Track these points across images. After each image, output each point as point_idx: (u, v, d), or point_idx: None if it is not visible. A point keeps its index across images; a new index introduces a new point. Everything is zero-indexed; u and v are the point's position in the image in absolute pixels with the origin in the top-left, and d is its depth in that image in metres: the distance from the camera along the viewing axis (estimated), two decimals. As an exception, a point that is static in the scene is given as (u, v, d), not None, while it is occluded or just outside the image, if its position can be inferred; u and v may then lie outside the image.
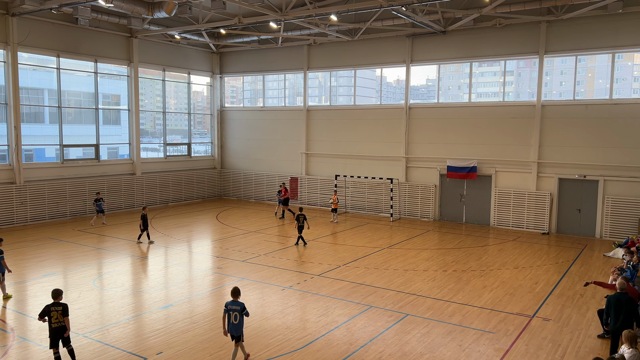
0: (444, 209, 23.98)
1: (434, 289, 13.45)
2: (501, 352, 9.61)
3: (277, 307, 11.91)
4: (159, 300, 12.45)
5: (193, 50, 29.42)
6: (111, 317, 11.20)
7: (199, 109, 31.51)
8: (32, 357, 9.19)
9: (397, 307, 11.95)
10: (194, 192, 29.54)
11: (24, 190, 21.63)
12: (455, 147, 23.36)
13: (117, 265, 15.56)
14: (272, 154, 29.25)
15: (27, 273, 14.60)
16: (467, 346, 9.88)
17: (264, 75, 29.62)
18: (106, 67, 25.32)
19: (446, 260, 16.58)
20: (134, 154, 26.37)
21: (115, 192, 25.18)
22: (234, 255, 16.88)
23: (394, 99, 26.56)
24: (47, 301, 12.03)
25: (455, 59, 23.41)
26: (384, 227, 22.38)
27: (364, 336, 10.25)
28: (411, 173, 24.75)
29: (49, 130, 23.44)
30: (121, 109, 26.45)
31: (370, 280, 14.07)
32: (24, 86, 21.90)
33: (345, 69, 26.66)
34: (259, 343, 9.87)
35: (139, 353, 9.39)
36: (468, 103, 23.18)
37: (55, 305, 8.89)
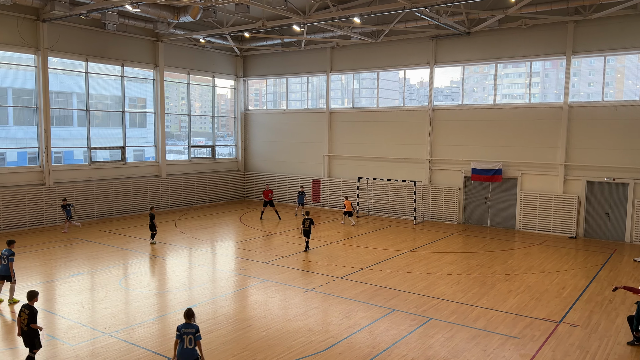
0: (468, 212, 23.70)
1: (458, 292, 13.29)
2: (527, 358, 9.44)
3: (300, 309, 11.93)
4: (183, 300, 12.59)
5: (217, 53, 29.75)
6: (136, 317, 11.37)
7: (222, 111, 31.84)
8: (60, 355, 9.39)
9: (421, 311, 11.85)
10: (217, 194, 29.83)
11: (53, 192, 22.15)
12: (480, 149, 23.07)
13: (142, 266, 15.81)
14: (295, 156, 29.35)
15: (56, 273, 14.94)
16: (492, 351, 9.73)
17: (287, 78, 29.76)
18: (133, 71, 25.80)
19: (470, 263, 16.37)
20: (159, 156, 26.78)
21: (141, 193, 25.61)
22: (257, 256, 16.97)
23: (417, 100, 26.40)
24: (75, 300, 12.33)
25: (480, 60, 23.14)
26: (407, 230, 22.23)
27: (387, 339, 10.18)
28: (435, 175, 24.53)
29: (77, 133, 23.97)
30: (147, 112, 26.91)
31: (393, 284, 13.98)
32: (54, 90, 22.45)
33: (368, 71, 26.61)
34: (282, 345, 9.89)
35: (163, 353, 9.51)
36: (493, 105, 22.87)
37: (25, 307, 8.77)
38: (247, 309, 12.01)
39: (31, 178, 21.71)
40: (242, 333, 10.48)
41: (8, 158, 21.90)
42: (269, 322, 11.11)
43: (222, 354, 9.51)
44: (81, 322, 11.02)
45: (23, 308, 8.77)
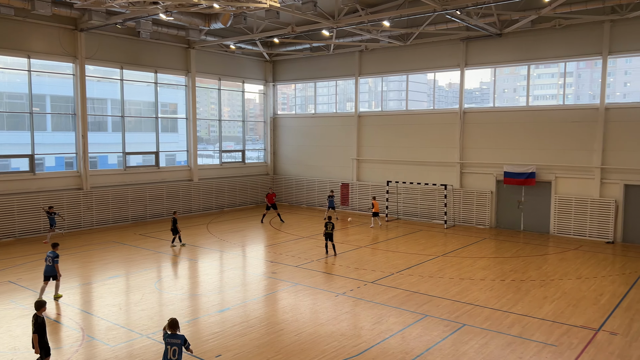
0: (500, 216, 23.33)
1: (492, 298, 13.10)
2: (565, 367, 9.25)
3: (331, 313, 11.96)
4: (216, 303, 12.78)
5: (247, 59, 30.12)
6: (172, 319, 11.58)
7: (251, 116, 32.20)
8: (99, 356, 9.65)
9: (454, 317, 11.73)
10: (248, 197, 30.16)
11: (90, 196, 22.78)
12: (513, 152, 22.70)
13: (175, 269, 16.11)
14: (323, 160, 29.44)
15: (94, 275, 15.37)
16: (528, 359, 9.56)
17: (315, 82, 29.90)
18: (165, 77, 26.35)
19: (504, 269, 16.11)
20: (191, 160, 27.25)
21: (174, 197, 26.10)
22: (287, 260, 17.09)
23: (447, 103, 26.15)
24: (112, 302, 12.65)
25: (512, 62, 22.79)
26: (437, 234, 22.02)
27: (420, 345, 10.12)
28: (466, 179, 24.24)
29: (111, 139, 24.61)
30: (179, 118, 27.43)
31: (425, 289, 13.88)
32: (90, 97, 23.11)
33: (397, 74, 26.51)
34: (315, 349, 9.94)
35: (198, 355, 9.67)
36: (525, 107, 22.49)
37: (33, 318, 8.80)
38: (278, 313, 12.11)
39: (69, 182, 22.38)
40: (274, 337, 10.58)
41: (46, 163, 22.64)
42: (300, 326, 11.18)
43: (256, 357, 9.61)
44: (119, 323, 11.30)
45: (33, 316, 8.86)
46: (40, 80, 21.78)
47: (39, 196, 21.11)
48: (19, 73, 20.99)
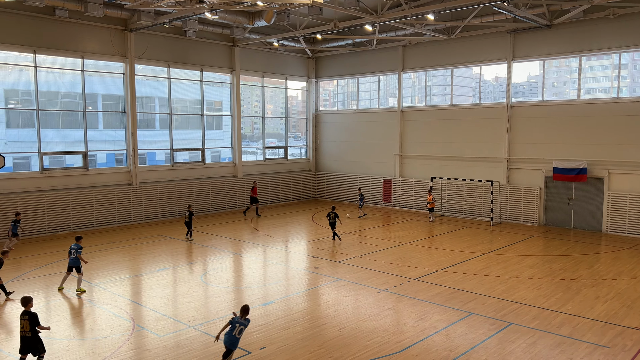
0: (549, 214, 22.59)
1: (540, 297, 12.73)
2: (618, 369, 8.89)
3: (373, 309, 11.93)
4: (260, 297, 12.98)
5: (290, 56, 30.33)
6: (217, 312, 11.87)
7: (293, 113, 32.43)
8: (148, 344, 9.99)
9: (500, 315, 11.47)
10: (290, 193, 30.43)
11: (140, 191, 23.56)
12: (563, 147, 21.92)
13: (221, 262, 16.46)
14: (365, 156, 29.32)
15: (143, 267, 15.91)
16: (579, 360, 9.25)
17: (358, 77, 29.79)
18: (211, 76, 26.90)
19: (553, 267, 15.61)
20: (236, 157, 27.74)
21: (219, 193, 26.65)
22: (329, 255, 17.15)
23: (492, 97, 25.52)
24: (161, 294, 13.06)
25: (562, 54, 21.98)
26: (483, 231, 21.56)
27: (465, 343, 9.96)
28: (513, 175, 23.60)
29: (159, 136, 25.36)
30: (223, 115, 27.95)
31: (470, 287, 13.63)
32: (139, 95, 23.87)
33: (441, 68, 26.06)
34: (357, 344, 9.95)
35: (243, 347, 9.85)
36: (576, 100, 21.65)
37: (23, 314, 8.82)
38: (321, 307, 12.18)
39: (119, 178, 23.22)
40: (317, 331, 10.65)
41: (98, 159, 23.56)
42: (343, 321, 11.21)
43: (299, 350, 9.71)
44: (167, 314, 11.66)
45: (22, 315, 8.81)
46: (93, 80, 22.66)
47: (92, 191, 22.00)
48: (73, 73, 21.91)
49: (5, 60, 20.31)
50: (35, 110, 20.78)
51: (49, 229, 20.83)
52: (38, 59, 20.65)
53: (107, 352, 9.62)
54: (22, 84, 20.99)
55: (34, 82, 20.62)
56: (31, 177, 20.73)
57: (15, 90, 21.18)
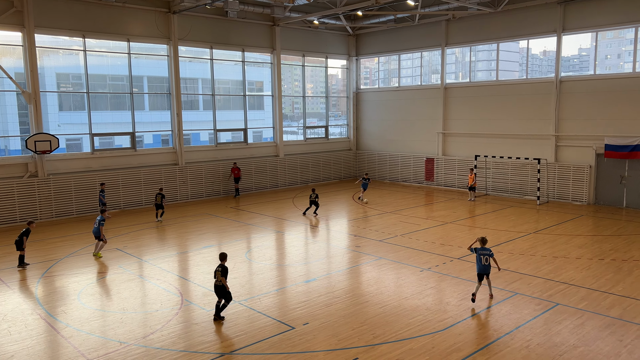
0: (600, 192, 21.78)
1: (589, 278, 12.38)
2: (672, 353, 8.60)
3: (416, 288, 11.93)
4: (303, 274, 13.19)
5: (330, 34, 30.09)
6: (262, 288, 12.16)
7: (334, 91, 32.28)
8: (196, 318, 10.38)
9: (546, 296, 11.25)
10: (331, 172, 30.51)
11: (185, 171, 24.18)
12: (615, 122, 20.97)
13: (264, 240, 16.78)
14: (407, 134, 28.96)
15: (190, 245, 16.42)
16: (630, 342, 8.99)
17: (399, 54, 29.27)
18: (252, 56, 27.06)
19: (603, 248, 15.11)
20: (277, 137, 27.97)
21: (261, 172, 27.03)
22: (371, 234, 17.18)
23: (540, 72, 24.58)
24: (207, 270, 13.48)
25: (617, 24, 20.86)
26: (529, 210, 21.04)
27: (509, 323, 9.85)
28: (562, 152, 22.81)
29: (203, 117, 25.84)
30: (265, 95, 28.14)
31: (515, 266, 13.40)
32: (182, 77, 24.32)
33: (486, 42, 25.25)
34: (400, 322, 10.01)
35: (287, 322, 10.10)
36: (632, 73, 20.58)
37: (218, 267, 10.29)
38: (362, 285, 12.27)
39: (166, 158, 23.88)
40: (359, 308, 10.76)
41: (145, 140, 24.28)
42: (385, 299, 11.27)
43: (342, 327, 9.86)
44: (213, 290, 12.02)
45: (217, 268, 10.28)
46: (138, 63, 23.23)
47: (140, 171, 22.75)
48: (120, 56, 22.51)
49: (56, 44, 21.07)
50: (86, 93, 21.54)
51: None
52: (87, 42, 21.31)
53: (158, 325, 10.06)
54: (72, 68, 21.76)
55: (84, 66, 21.33)
56: (83, 157, 21.60)
57: (66, 74, 22.00)
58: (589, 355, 8.53)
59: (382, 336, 9.38)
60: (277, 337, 9.42)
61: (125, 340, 9.40)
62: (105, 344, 9.23)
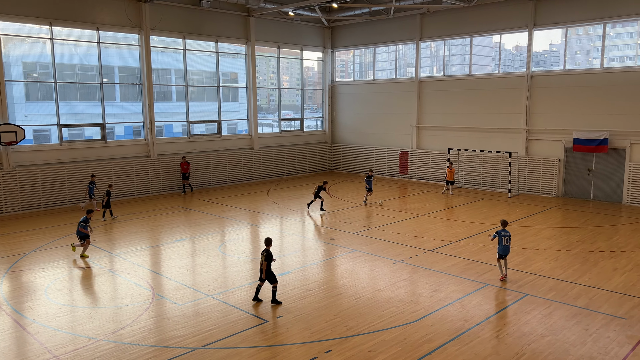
0: (568, 185, 22.29)
1: (557, 269, 12.67)
2: (634, 340, 8.86)
3: (389, 280, 12.02)
4: (277, 267, 13.09)
5: (305, 26, 29.91)
6: (235, 281, 12.08)
7: (309, 84, 32.17)
8: (168, 313, 10.24)
9: (516, 287, 11.47)
10: (306, 165, 30.46)
11: (157, 163, 23.79)
12: (584, 117, 21.46)
13: (238, 233, 16.66)
14: (382, 127, 29.08)
15: (162, 238, 16.18)
16: (595, 331, 9.23)
17: (375, 47, 29.31)
18: (226, 47, 26.71)
19: (570, 239, 15.49)
20: (252, 129, 27.75)
21: (235, 165, 26.80)
22: (345, 227, 17.22)
23: (513, 66, 24.95)
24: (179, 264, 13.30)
25: (586, 21, 21.29)
26: (500, 203, 21.40)
27: (480, 314, 10.01)
28: (532, 146, 23.24)
29: (176, 108, 25.43)
30: (239, 87, 27.85)
31: (486, 258, 13.61)
32: (155, 67, 23.85)
33: (460, 37, 25.48)
34: (373, 313, 10.06)
35: (260, 315, 10.05)
36: (599, 69, 21.06)
37: (263, 251, 10.67)
38: (337, 278, 12.30)
39: (137, 150, 23.44)
40: (333, 300, 10.78)
41: (116, 132, 23.78)
42: (359, 291, 11.32)
43: (316, 319, 9.86)
44: (186, 284, 11.90)
45: (262, 252, 10.65)
46: (109, 52, 22.68)
47: (110, 163, 22.28)
48: (89, 45, 21.93)
49: (22, 32, 20.40)
50: (53, 83, 20.95)
51: (69, 200, 21.24)
52: (54, 31, 20.69)
53: (128, 319, 9.89)
54: (39, 57, 21.12)
55: (51, 55, 20.72)
56: (51, 149, 21.04)
57: (33, 63, 21.34)
58: (556, 344, 8.74)
59: (355, 328, 9.42)
60: (250, 331, 9.37)
61: (94, 335, 9.21)
62: (74, 340, 9.04)
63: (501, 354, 8.41)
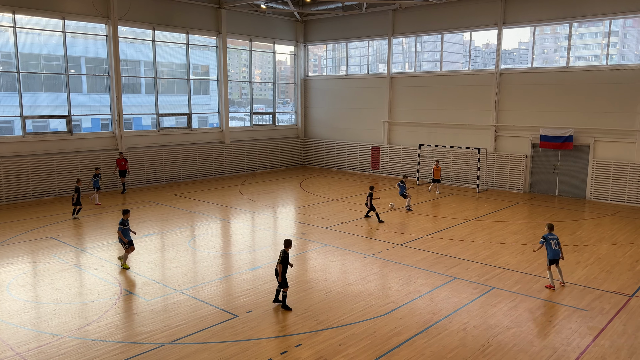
0: (535, 181, 22.83)
1: (523, 262, 12.98)
2: (595, 331, 9.16)
3: (359, 274, 12.09)
4: (248, 262, 13.08)
5: (278, 19, 29.72)
6: (205, 276, 11.95)
7: (282, 78, 32.00)
8: (136, 309, 10.07)
9: (483, 280, 11.70)
10: (278, 160, 30.34)
11: (126, 156, 23.28)
12: (550, 114, 21.98)
13: (208, 228, 16.49)
14: (354, 122, 29.18)
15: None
16: (558, 322, 9.50)
17: (347, 42, 29.35)
18: (197, 39, 26.30)
19: (536, 233, 15.87)
20: (223, 122, 27.45)
21: (206, 159, 26.48)
22: (317, 222, 17.24)
23: (483, 64, 25.37)
24: (148, 259, 13.09)
25: (553, 20, 21.78)
26: (469, 198, 21.77)
27: (448, 307, 10.17)
28: (500, 142, 23.70)
29: (145, 100, 24.94)
30: (210, 79, 27.50)
31: (454, 252, 13.84)
32: (123, 58, 23.32)
33: (431, 33, 25.73)
34: (343, 307, 10.12)
35: (230, 310, 9.98)
36: (566, 67, 21.59)
37: (280, 252, 10.31)
38: (308, 272, 12.31)
39: (105, 143, 22.92)
40: (304, 295, 10.79)
41: (83, 124, 23.18)
42: (329, 285, 11.36)
43: (287, 313, 9.85)
44: (154, 279, 11.72)
45: (280, 253, 10.29)
46: (75, 42, 22.06)
47: (77, 156, 21.73)
48: (54, 35, 21.29)
49: (-18, 20, 19.67)
50: (16, 73, 20.26)
51: (33, 194, 20.63)
52: (17, 19, 20.00)
53: (95, 315, 9.69)
54: (1, 46, 20.38)
55: (14, 44, 20.03)
56: (14, 141, 20.38)
57: (-6, 51, 20.59)
58: (521, 335, 8.95)
59: (325, 322, 9.46)
60: (219, 326, 9.29)
61: (59, 332, 8.99)
62: (37, 337, 8.80)
63: (468, 345, 8.58)
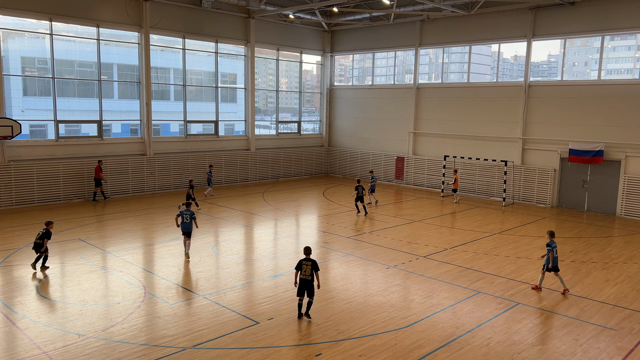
0: (563, 195, 22.38)
1: (549, 279, 12.68)
2: (624, 352, 8.89)
3: (381, 285, 12.02)
4: (270, 269, 13.13)
5: (306, 29, 29.98)
6: (227, 282, 12.05)
7: (308, 87, 32.20)
8: (159, 312, 10.20)
9: (508, 295, 11.50)
10: (302, 168, 30.47)
11: (154, 162, 23.75)
12: (580, 128, 21.56)
13: (232, 234, 16.63)
14: (379, 132, 29.13)
15: (155, 237, 16.14)
16: (585, 341, 9.26)
17: (374, 52, 29.40)
18: (225, 47, 26.72)
19: (563, 249, 15.54)
20: (249, 130, 27.74)
21: (231, 166, 26.78)
22: (339, 231, 17.22)
23: (511, 76, 25.06)
24: (172, 263, 13.27)
25: (584, 33, 21.43)
26: (495, 211, 21.46)
27: (471, 321, 10.02)
28: (528, 155, 23.33)
29: (174, 107, 25.40)
30: (237, 88, 27.86)
31: (479, 266, 13.64)
32: (154, 66, 23.83)
33: (459, 45, 25.60)
34: (364, 318, 10.06)
35: (252, 317, 10.03)
36: (597, 81, 21.18)
37: (306, 261, 9.97)
38: (329, 281, 12.29)
39: (134, 148, 23.40)
40: (325, 304, 10.77)
41: (113, 129, 23.72)
42: (351, 295, 11.32)
43: (306, 322, 9.84)
44: (178, 283, 11.87)
45: (305, 261, 9.96)
46: (108, 50, 22.66)
47: (106, 161, 22.22)
48: (89, 42, 21.91)
49: (21, 27, 20.36)
50: (52, 79, 20.89)
51: (64, 196, 21.16)
52: (54, 26, 20.66)
53: (119, 317, 9.85)
54: (38, 52, 21.07)
55: (50, 50, 20.67)
56: (47, 144, 20.97)
57: (31, 57, 21.28)
58: (546, 353, 8.76)
59: (346, 332, 9.42)
60: (240, 332, 9.35)
61: (84, 332, 9.17)
62: (63, 336, 8.99)
63: (491, 361, 8.43)
